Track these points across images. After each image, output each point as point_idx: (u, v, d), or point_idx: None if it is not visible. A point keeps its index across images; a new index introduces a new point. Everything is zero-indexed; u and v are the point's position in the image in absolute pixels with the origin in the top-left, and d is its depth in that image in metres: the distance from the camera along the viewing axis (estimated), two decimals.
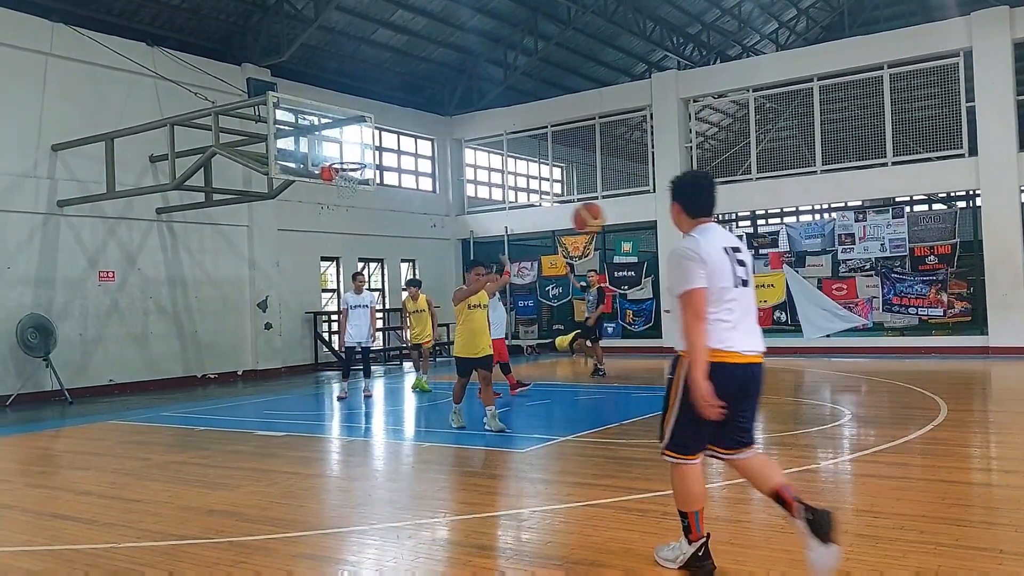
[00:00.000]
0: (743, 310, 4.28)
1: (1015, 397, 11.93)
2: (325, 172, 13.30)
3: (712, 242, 4.28)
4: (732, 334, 4.20)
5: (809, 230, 19.83)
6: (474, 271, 9.81)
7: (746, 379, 4.25)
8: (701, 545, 4.35)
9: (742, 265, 4.32)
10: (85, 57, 15.55)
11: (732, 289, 4.23)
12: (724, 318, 4.20)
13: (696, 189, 4.55)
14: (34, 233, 14.80)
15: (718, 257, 4.22)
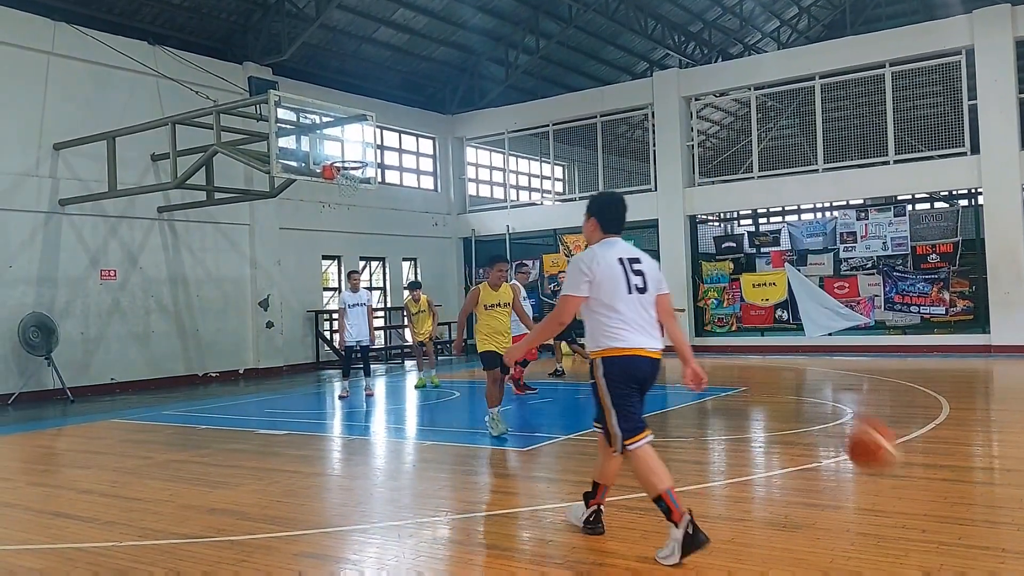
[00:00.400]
0: (637, 313, 4.81)
1: (1017, 396, 11.91)
2: (327, 171, 13.30)
3: (609, 255, 4.85)
4: (628, 333, 4.77)
5: (811, 228, 19.82)
6: (496, 267, 9.22)
7: (651, 370, 4.87)
8: (688, 522, 4.47)
9: (639, 275, 4.87)
10: (87, 56, 15.55)
11: (626, 295, 4.80)
12: (620, 321, 4.78)
13: (611, 208, 5.07)
14: (36, 232, 14.81)
15: (610, 269, 4.79)
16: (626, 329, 4.78)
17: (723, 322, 20.34)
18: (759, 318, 19.71)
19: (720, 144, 26.38)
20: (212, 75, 17.25)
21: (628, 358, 4.75)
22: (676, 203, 20.55)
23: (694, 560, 4.56)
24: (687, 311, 20.33)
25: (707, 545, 4.48)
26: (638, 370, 4.78)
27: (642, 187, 21.80)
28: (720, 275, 20.30)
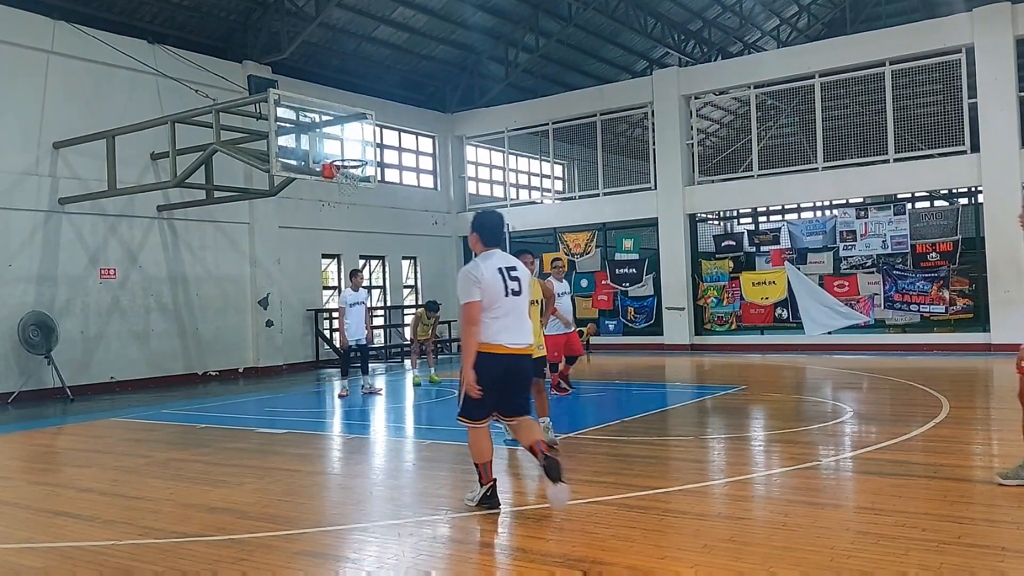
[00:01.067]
0: (511, 314, 5.75)
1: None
2: (326, 169, 13.29)
3: (490, 265, 5.73)
4: (500, 332, 5.67)
5: (811, 227, 19.82)
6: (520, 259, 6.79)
7: (510, 365, 5.72)
8: (489, 487, 5.81)
9: (515, 280, 5.79)
10: (86, 55, 15.55)
11: (503, 299, 5.69)
12: (495, 320, 5.67)
13: (490, 225, 5.97)
14: (36, 231, 14.80)
15: (492, 277, 5.66)
16: (500, 328, 5.69)
17: (723, 321, 20.34)
18: (759, 317, 19.71)
19: (720, 143, 26.38)
20: (212, 74, 17.24)
21: (490, 355, 5.64)
22: (676, 202, 20.55)
23: (694, 559, 4.59)
24: (687, 309, 20.35)
25: (497, 511, 5.74)
26: (499, 363, 5.68)
27: (642, 186, 21.80)
28: (720, 274, 20.29)
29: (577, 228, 22.15)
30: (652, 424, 9.63)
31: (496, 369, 5.66)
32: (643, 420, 9.84)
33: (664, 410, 10.86)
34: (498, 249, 5.93)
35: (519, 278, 5.82)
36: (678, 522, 5.43)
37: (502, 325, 5.69)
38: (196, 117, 14.34)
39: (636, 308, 21.34)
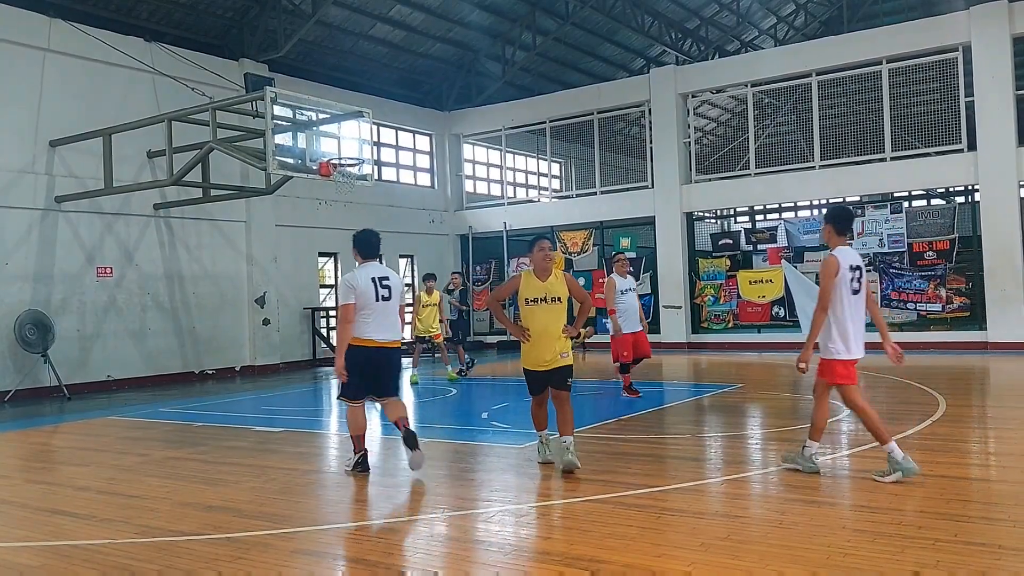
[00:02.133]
0: (381, 315, 7.06)
1: (1014, 392, 11.93)
2: (323, 167, 13.28)
3: (365, 275, 7.09)
4: (371, 329, 7.01)
5: (807, 225, 19.82)
6: (538, 246, 7.07)
7: (378, 356, 7.07)
8: (361, 455, 7.19)
9: (385, 288, 7.12)
10: (83, 53, 15.52)
11: (374, 303, 7.02)
12: (366, 319, 6.99)
13: (368, 242, 7.30)
14: (32, 229, 14.78)
15: (366, 285, 7.02)
16: (370, 326, 7.01)
17: (720, 319, 20.36)
18: (756, 315, 19.72)
19: (717, 141, 26.38)
20: (208, 72, 17.22)
21: (362, 348, 6.99)
22: (673, 200, 20.56)
23: (691, 557, 4.60)
24: (684, 308, 20.35)
25: (367, 473, 7.09)
26: (372, 355, 7.05)
27: (639, 184, 21.80)
28: (717, 272, 20.30)
29: (574, 227, 22.15)
30: (649, 422, 9.63)
31: (366, 358, 7.01)
32: (640, 418, 9.85)
33: (661, 408, 10.86)
34: (375, 261, 7.29)
35: (389, 286, 7.18)
36: (675, 520, 5.43)
37: (373, 323, 7.01)
38: (193, 115, 14.32)
39: None
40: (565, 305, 7.00)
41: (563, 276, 7.06)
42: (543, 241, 7.07)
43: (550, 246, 7.10)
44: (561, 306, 6.96)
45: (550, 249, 7.05)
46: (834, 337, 6.53)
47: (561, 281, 7.01)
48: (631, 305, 11.34)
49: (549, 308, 6.93)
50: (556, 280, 7.00)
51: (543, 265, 6.98)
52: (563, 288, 6.99)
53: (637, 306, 11.50)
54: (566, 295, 7.00)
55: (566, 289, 7.00)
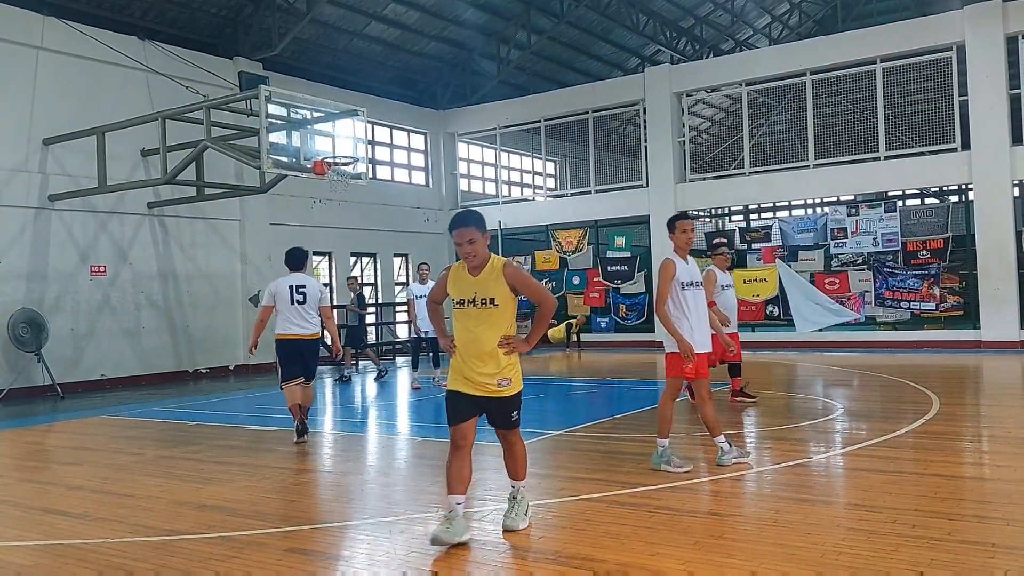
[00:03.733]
0: (296, 314, 8.79)
1: (1007, 391, 11.97)
2: (317, 166, 13.26)
3: (284, 283, 8.86)
4: (288, 325, 8.80)
5: (802, 224, 19.86)
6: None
7: (297, 345, 8.79)
8: (300, 423, 8.82)
9: (300, 294, 8.82)
10: (76, 51, 15.47)
11: (290, 306, 8.78)
12: (285, 318, 8.80)
13: (292, 256, 9.07)
14: (25, 227, 14.74)
15: (284, 291, 8.79)
16: (288, 323, 8.80)
17: None
18: (750, 314, 19.73)
19: (711, 140, 26.39)
20: (202, 70, 17.18)
21: (285, 340, 8.83)
22: (667, 199, 20.57)
23: (685, 555, 4.60)
24: None
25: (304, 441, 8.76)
26: (291, 345, 8.82)
27: (634, 183, 21.82)
28: None
29: (569, 225, 22.16)
30: (643, 421, 9.63)
31: (290, 348, 8.82)
32: (634, 417, 9.85)
33: (655, 407, 10.84)
34: (298, 272, 9.00)
35: (305, 292, 8.85)
36: (669, 519, 5.44)
37: (289, 321, 8.78)
38: (187, 113, 14.29)
39: (628, 305, 21.36)
40: (507, 311, 5.13)
41: (503, 270, 5.10)
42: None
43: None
44: (498, 311, 5.09)
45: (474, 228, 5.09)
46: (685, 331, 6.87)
47: (498, 277, 5.08)
48: (728, 302, 10.62)
49: (478, 314, 5.09)
50: (490, 276, 5.10)
51: (462, 252, 5.14)
52: (499, 287, 5.08)
53: (734, 305, 10.72)
54: (506, 297, 5.10)
55: (505, 288, 5.08)
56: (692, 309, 6.89)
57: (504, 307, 5.12)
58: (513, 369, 5.16)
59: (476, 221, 5.16)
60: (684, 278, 6.89)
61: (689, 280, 6.93)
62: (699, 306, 6.97)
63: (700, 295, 7.00)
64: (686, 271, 6.94)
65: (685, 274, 6.91)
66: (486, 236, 5.19)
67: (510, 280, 5.09)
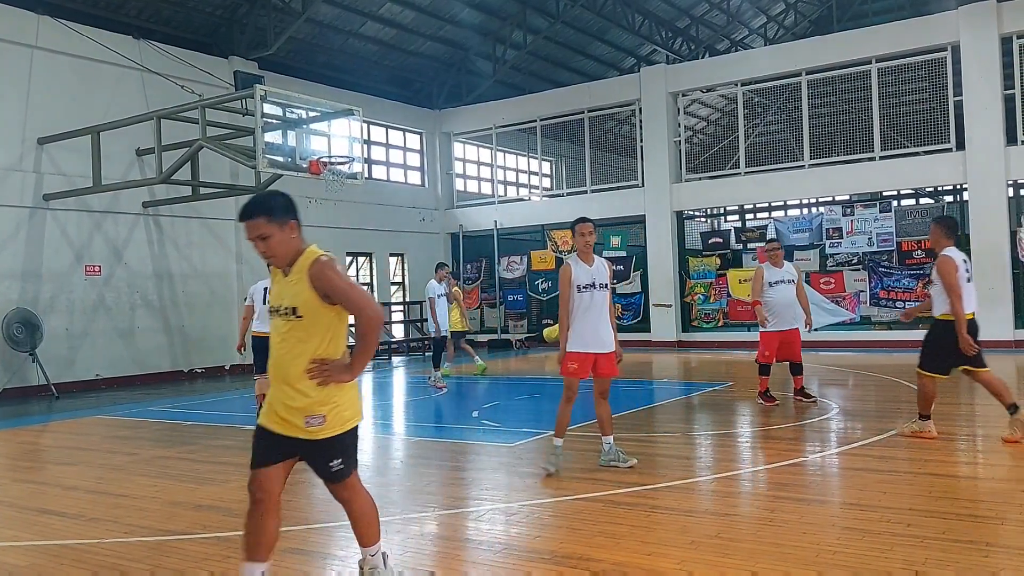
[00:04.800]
0: (264, 313, 8.91)
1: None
2: (313, 166, 13.26)
3: (261, 285, 9.55)
4: (260, 323, 9.39)
5: (797, 224, 19.89)
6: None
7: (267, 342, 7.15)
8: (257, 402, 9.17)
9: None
10: (71, 50, 15.43)
11: (262, 305, 9.26)
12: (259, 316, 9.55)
13: None
14: (20, 227, 14.70)
15: (259, 293, 9.60)
16: (260, 322, 9.42)
17: (710, 318, 20.40)
18: (746, 313, 19.74)
19: (707, 140, 26.41)
20: (197, 69, 17.14)
21: (257, 337, 9.52)
22: (663, 199, 20.59)
23: (680, 555, 4.61)
24: (674, 306, 20.39)
25: None
26: (262, 341, 8.08)
27: (629, 183, 21.82)
28: (707, 271, 20.35)
29: (565, 225, 22.06)
30: (639, 420, 9.64)
31: (261, 344, 9.00)
32: (630, 416, 9.86)
33: (651, 407, 10.88)
34: None
35: None
36: (665, 518, 5.45)
37: (262, 319, 9.36)
38: (182, 113, 14.27)
39: (624, 305, 21.35)
40: (316, 324, 3.80)
41: (307, 270, 3.80)
42: (248, 203, 3.94)
43: (256, 219, 3.87)
44: (302, 325, 3.80)
45: (262, 220, 3.85)
46: None
47: (301, 279, 3.79)
48: (781, 299, 10.04)
49: (284, 327, 3.84)
50: (295, 277, 3.82)
51: (257, 252, 3.95)
52: (302, 292, 3.79)
53: (792, 301, 10.04)
54: (311, 305, 3.78)
55: (310, 293, 3.78)
56: (585, 310, 6.88)
57: (311, 319, 3.79)
58: (330, 403, 3.81)
59: (265, 209, 3.87)
60: (580, 281, 6.92)
61: (588, 282, 6.90)
62: (594, 307, 6.87)
63: (599, 296, 6.91)
64: (585, 273, 6.94)
65: (582, 276, 6.93)
66: (289, 225, 3.92)
67: (314, 282, 3.77)
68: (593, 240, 7.06)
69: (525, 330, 22.86)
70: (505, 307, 23.10)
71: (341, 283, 3.82)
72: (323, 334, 3.84)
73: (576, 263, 7.01)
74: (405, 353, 21.86)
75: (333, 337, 3.88)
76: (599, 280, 6.94)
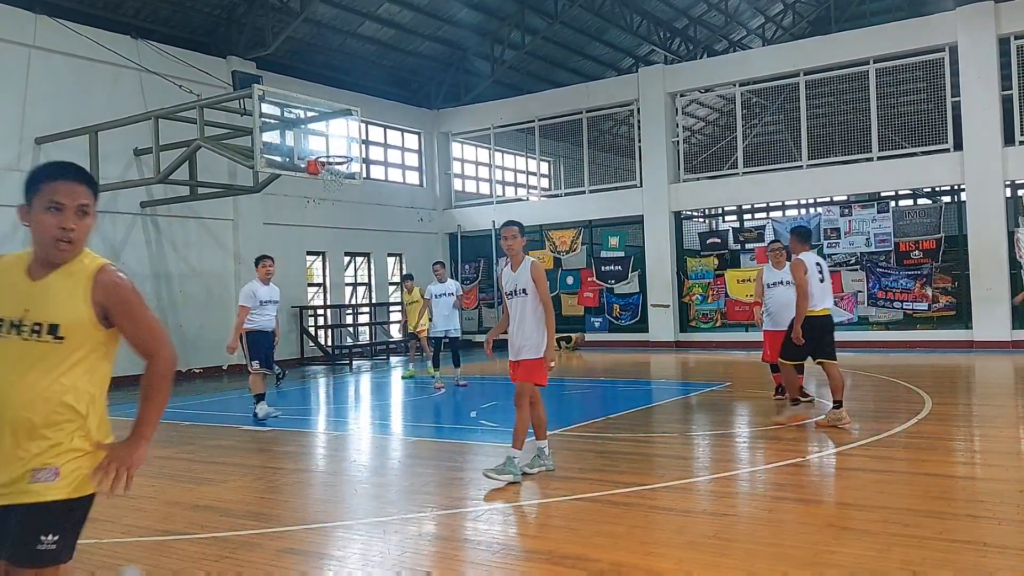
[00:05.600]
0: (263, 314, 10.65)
1: (999, 391, 12.01)
2: (311, 166, 13.25)
3: (259, 286, 10.65)
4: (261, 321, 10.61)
5: (795, 224, 19.88)
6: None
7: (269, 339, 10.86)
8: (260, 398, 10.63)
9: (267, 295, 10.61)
10: (69, 49, 15.41)
11: (260, 306, 10.51)
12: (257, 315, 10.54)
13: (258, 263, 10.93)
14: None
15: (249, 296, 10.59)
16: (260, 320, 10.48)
17: (708, 318, 20.41)
18: (743, 314, 19.75)
19: (705, 140, 26.43)
20: (195, 69, 17.12)
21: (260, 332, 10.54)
22: (661, 199, 20.59)
23: (678, 555, 4.61)
24: (672, 307, 20.40)
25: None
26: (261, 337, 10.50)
27: (627, 183, 21.82)
28: (705, 271, 20.36)
29: (563, 225, 22.16)
30: (637, 420, 9.65)
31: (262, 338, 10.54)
32: (628, 416, 9.86)
33: (649, 407, 10.88)
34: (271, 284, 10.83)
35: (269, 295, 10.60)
36: (663, 518, 5.45)
37: (262, 318, 10.48)
38: (180, 113, 14.25)
39: (622, 305, 21.37)
40: (79, 347, 2.84)
41: (95, 275, 2.97)
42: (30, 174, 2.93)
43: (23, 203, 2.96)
44: (60, 350, 2.79)
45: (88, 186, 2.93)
46: None
47: (76, 285, 2.89)
48: (778, 300, 10.25)
49: (20, 349, 2.75)
50: (64, 283, 2.86)
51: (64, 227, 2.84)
52: (73, 305, 2.85)
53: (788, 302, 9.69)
54: (81, 323, 2.83)
55: (86, 309, 2.87)
56: (510, 317, 6.81)
57: (74, 340, 2.78)
58: (70, 453, 2.82)
59: (91, 179, 2.90)
60: (505, 287, 6.86)
61: (512, 288, 6.78)
62: (515, 314, 6.71)
63: (521, 303, 6.69)
64: (509, 279, 6.83)
65: (507, 282, 6.84)
66: (85, 206, 2.84)
67: (100, 297, 2.85)
68: (517, 244, 6.83)
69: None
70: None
71: (140, 305, 2.97)
72: (93, 365, 2.88)
73: (506, 268, 6.93)
74: (403, 354, 21.84)
75: (98, 371, 2.91)
76: (518, 286, 6.72)
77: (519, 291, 6.71)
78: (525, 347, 6.66)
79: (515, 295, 6.74)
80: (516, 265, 6.80)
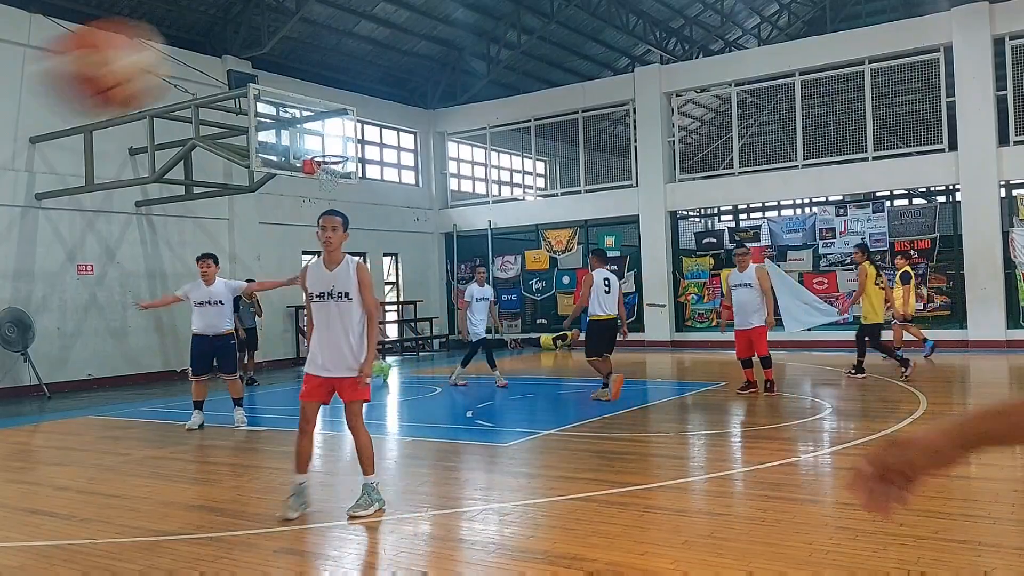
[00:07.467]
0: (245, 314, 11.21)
1: (993, 390, 12.03)
2: (307, 165, 13.23)
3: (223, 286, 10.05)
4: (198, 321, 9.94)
5: (790, 224, 19.92)
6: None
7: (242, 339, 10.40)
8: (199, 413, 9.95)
9: None
10: None
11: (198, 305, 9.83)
12: None
13: None
14: (12, 226, 14.64)
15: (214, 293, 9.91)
16: None
17: (703, 317, 20.42)
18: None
19: (701, 140, 26.45)
20: (191, 68, 17.04)
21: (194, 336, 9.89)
22: (657, 199, 20.60)
23: (674, 555, 4.61)
24: (668, 306, 20.41)
25: None
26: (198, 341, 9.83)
27: (623, 183, 21.83)
28: (700, 271, 20.37)
29: (559, 225, 22.17)
30: (633, 420, 9.65)
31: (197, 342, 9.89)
32: (624, 416, 9.86)
33: (645, 406, 10.88)
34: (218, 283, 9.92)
35: None
36: (658, 518, 5.45)
37: (201, 321, 9.72)
38: (175, 112, 14.22)
39: None
40: None
41: None
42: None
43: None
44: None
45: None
46: None
47: None
48: (737, 301, 11.21)
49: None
50: None
51: None
52: None
53: (744, 303, 11.14)
54: None
55: None
56: (316, 324, 5.81)
57: None
58: None
59: None
60: (313, 287, 5.83)
61: (324, 290, 5.75)
62: (321, 320, 5.76)
63: (339, 308, 5.71)
64: (321, 279, 5.80)
65: (316, 282, 5.82)
66: None
67: None
68: (337, 238, 5.87)
69: (519, 330, 22.85)
70: (499, 307, 23.05)
71: None
72: None
73: (315, 265, 5.88)
74: (399, 353, 21.84)
75: None
76: (323, 289, 5.73)
77: (338, 294, 5.70)
78: (350, 361, 5.75)
79: (329, 298, 5.70)
80: (333, 264, 5.80)
